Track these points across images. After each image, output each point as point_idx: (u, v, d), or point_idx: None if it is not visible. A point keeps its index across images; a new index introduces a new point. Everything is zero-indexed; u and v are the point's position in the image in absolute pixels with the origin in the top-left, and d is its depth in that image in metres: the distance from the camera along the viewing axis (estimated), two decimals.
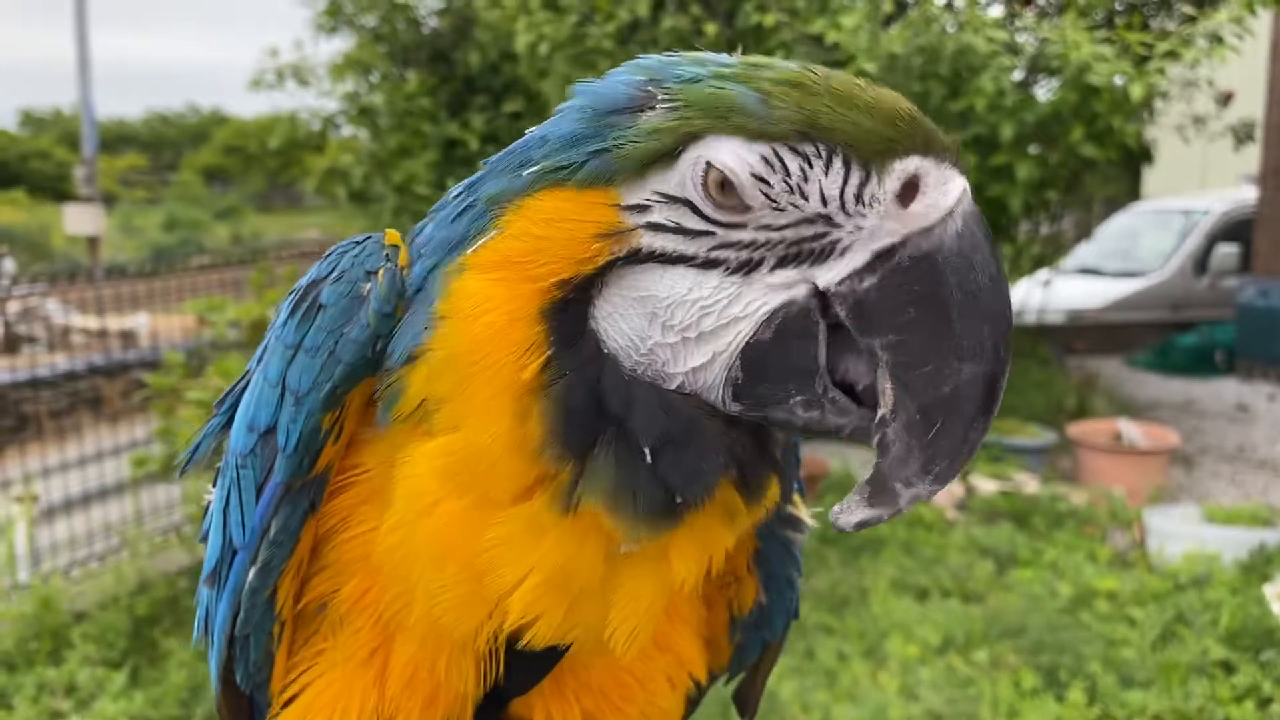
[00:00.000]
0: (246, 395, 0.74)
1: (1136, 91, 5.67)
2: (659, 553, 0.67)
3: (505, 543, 0.66)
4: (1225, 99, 6.93)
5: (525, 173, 0.67)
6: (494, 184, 0.69)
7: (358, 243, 0.74)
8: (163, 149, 54.63)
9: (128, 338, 9.77)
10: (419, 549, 0.67)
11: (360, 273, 0.70)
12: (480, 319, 0.65)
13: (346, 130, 8.18)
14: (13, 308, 10.25)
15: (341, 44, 8.67)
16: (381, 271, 0.70)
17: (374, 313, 0.69)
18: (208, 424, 0.81)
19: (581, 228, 0.65)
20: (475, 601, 0.67)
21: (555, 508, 0.65)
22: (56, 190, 35.83)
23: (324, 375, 0.68)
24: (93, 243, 18.51)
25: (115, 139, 52.24)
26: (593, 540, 0.66)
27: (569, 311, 0.66)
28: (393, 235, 0.73)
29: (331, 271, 0.72)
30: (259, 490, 0.72)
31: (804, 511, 0.83)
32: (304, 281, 0.74)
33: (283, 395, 0.70)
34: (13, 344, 10.45)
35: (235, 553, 0.75)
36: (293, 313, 0.72)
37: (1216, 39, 6.06)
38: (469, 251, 0.67)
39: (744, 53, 0.68)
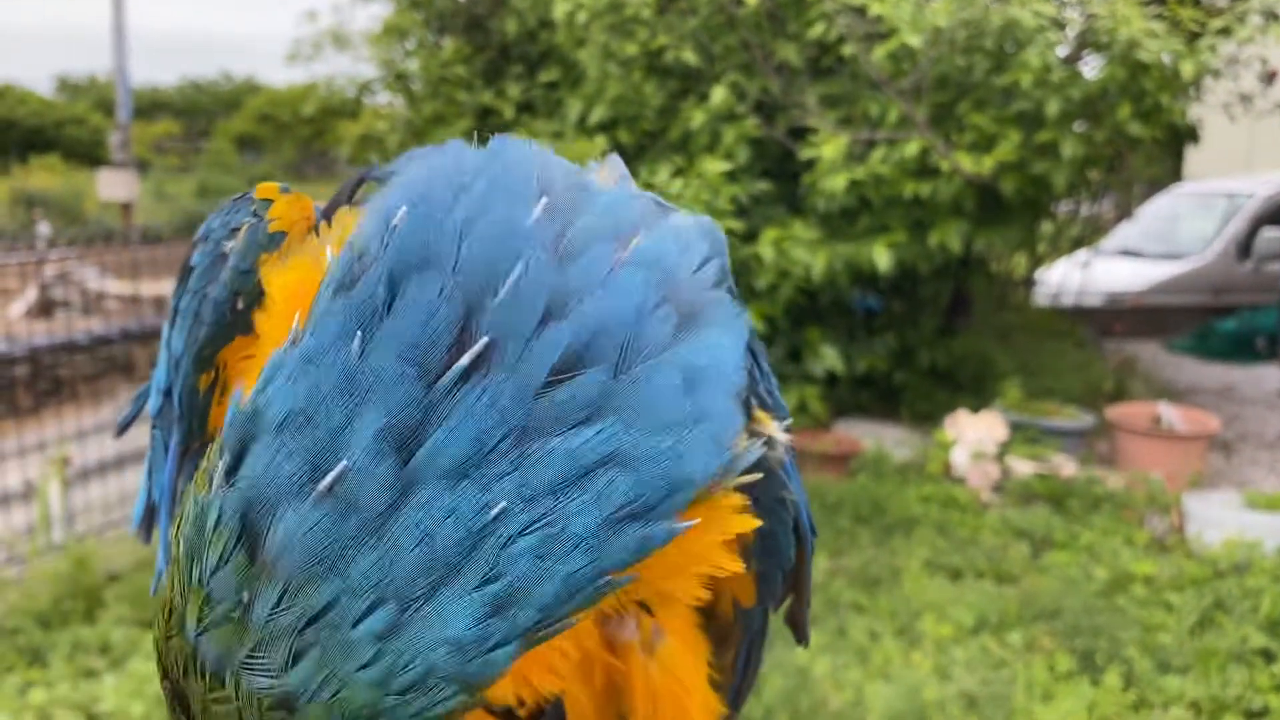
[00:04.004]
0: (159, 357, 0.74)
1: (1188, 69, 5.55)
2: None
3: None
4: (1270, 77, 6.77)
5: None
6: None
7: (234, 200, 0.71)
8: (196, 116, 54.86)
9: (161, 304, 9.82)
10: None
11: (225, 231, 0.68)
12: None
13: (382, 97, 8.15)
14: (49, 271, 10.32)
15: (379, 9, 8.63)
16: (244, 227, 0.67)
17: (231, 269, 0.66)
18: (143, 386, 0.81)
19: None
20: None
21: None
22: (91, 156, 36.07)
23: (191, 337, 0.67)
24: (126, 208, 18.64)
25: (149, 105, 52.52)
26: None
27: None
28: (265, 188, 0.70)
29: (205, 234, 0.70)
30: (167, 449, 0.71)
31: (772, 427, 0.72)
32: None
33: (170, 358, 0.69)
34: (48, 308, 10.53)
35: (157, 509, 0.75)
36: (178, 278, 0.71)
37: (1272, 15, 5.91)
38: None
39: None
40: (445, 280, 0.45)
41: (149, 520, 0.78)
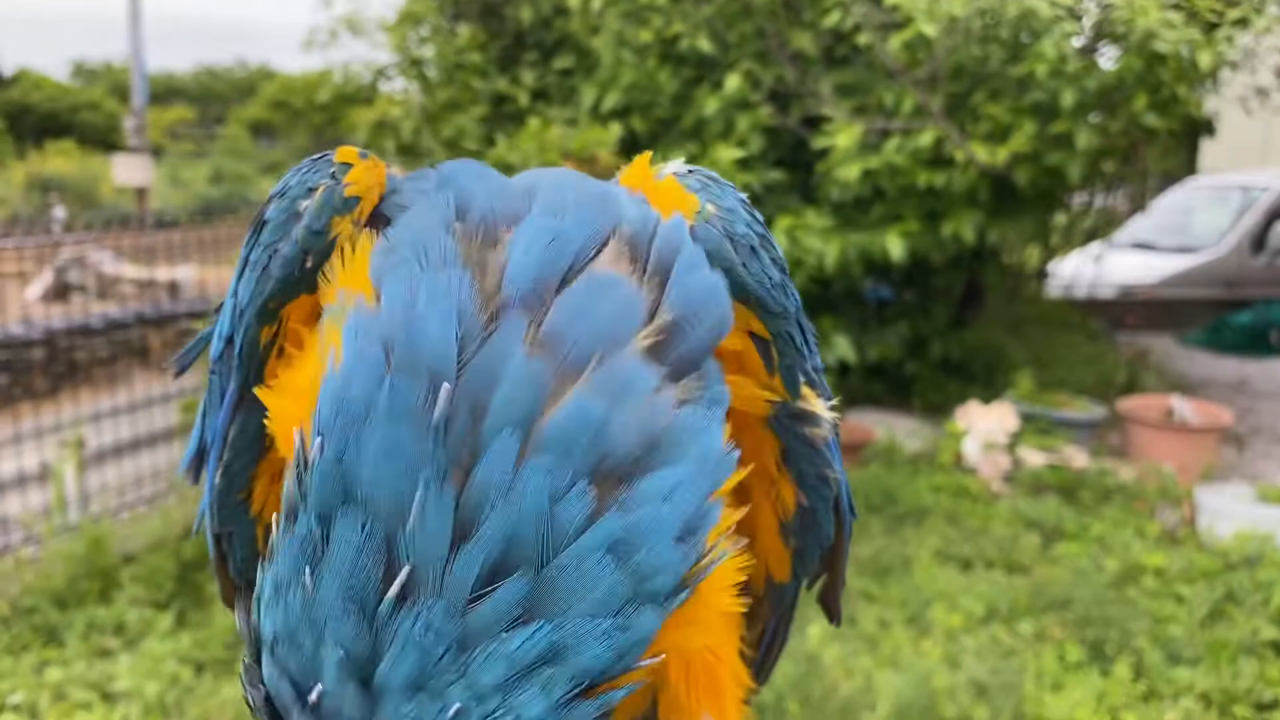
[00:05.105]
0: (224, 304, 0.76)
1: (1205, 60, 5.51)
2: None
3: None
4: None
5: None
6: None
7: (313, 160, 0.72)
8: (211, 102, 54.92)
9: (174, 288, 9.88)
10: None
11: (302, 190, 0.69)
12: None
13: (397, 83, 8.14)
14: (65, 255, 10.37)
15: None
16: (321, 188, 0.68)
17: (303, 228, 0.67)
18: (204, 330, 0.82)
19: None
20: None
21: None
22: (106, 141, 36.15)
23: (258, 289, 0.68)
24: (141, 194, 18.71)
25: (165, 91, 52.62)
26: None
27: None
28: (345, 152, 0.71)
29: (282, 189, 0.71)
30: (223, 395, 0.73)
31: (818, 404, 0.75)
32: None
33: (235, 306, 0.71)
34: (63, 292, 10.59)
35: (206, 451, 0.77)
36: (250, 229, 0.73)
37: None
38: None
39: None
40: (363, 517, 0.49)
41: (198, 462, 0.80)
